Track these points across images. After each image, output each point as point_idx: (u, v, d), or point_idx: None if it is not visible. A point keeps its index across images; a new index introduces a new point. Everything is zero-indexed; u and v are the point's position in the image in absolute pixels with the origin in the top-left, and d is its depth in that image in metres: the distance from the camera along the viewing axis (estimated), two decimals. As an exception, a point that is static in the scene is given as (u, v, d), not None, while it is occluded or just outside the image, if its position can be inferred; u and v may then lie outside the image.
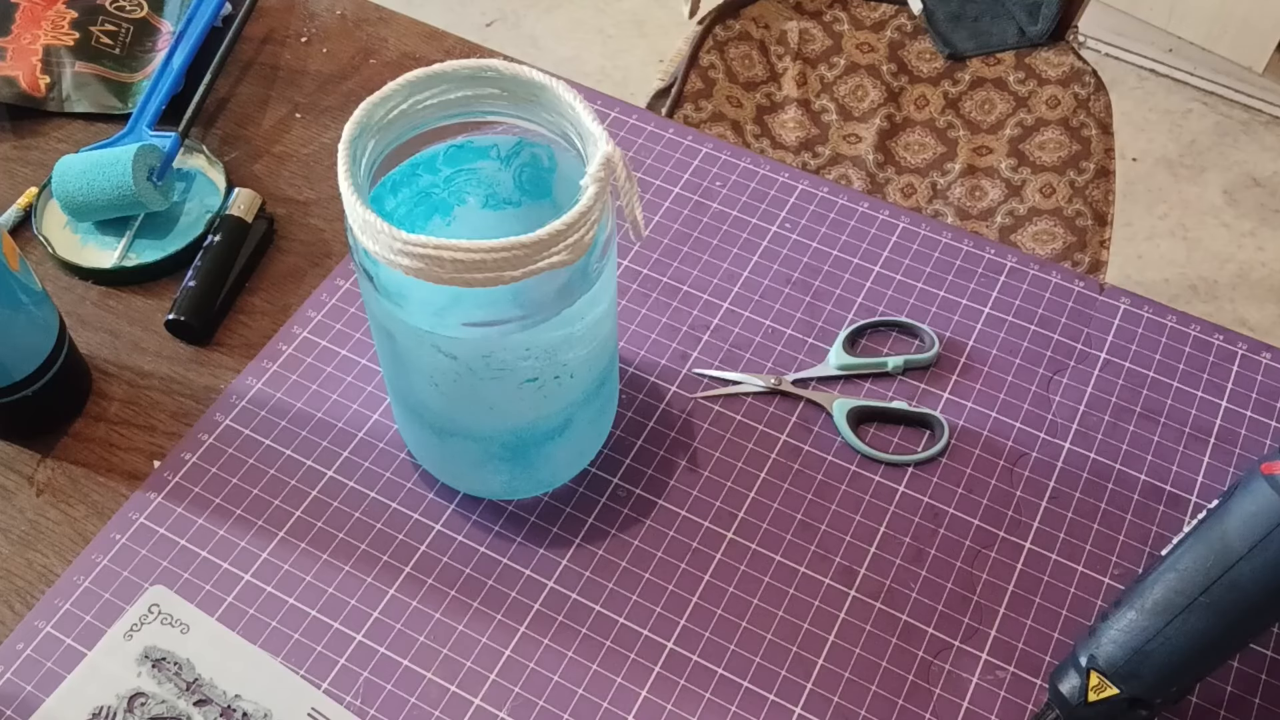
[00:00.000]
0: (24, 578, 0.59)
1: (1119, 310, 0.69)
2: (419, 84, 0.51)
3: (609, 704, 0.55)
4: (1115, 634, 0.51)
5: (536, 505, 0.61)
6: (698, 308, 0.69)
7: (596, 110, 0.79)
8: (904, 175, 1.14)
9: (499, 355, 0.51)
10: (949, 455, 0.64)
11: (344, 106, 0.80)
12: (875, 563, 0.60)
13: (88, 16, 0.82)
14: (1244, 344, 0.68)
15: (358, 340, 0.67)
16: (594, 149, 0.48)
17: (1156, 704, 0.51)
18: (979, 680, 0.57)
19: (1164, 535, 0.61)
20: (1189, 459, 0.64)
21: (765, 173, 0.76)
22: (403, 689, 0.56)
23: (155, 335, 0.68)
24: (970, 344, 0.68)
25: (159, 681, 0.56)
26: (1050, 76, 1.16)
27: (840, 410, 0.64)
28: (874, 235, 0.73)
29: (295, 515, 0.61)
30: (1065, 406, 0.66)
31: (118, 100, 0.79)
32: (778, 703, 0.56)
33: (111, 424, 0.65)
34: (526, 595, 0.59)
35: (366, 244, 0.47)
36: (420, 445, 0.61)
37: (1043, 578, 0.60)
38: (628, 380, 0.66)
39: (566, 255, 0.47)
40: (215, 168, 0.75)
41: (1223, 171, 1.79)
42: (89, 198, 0.70)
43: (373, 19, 0.85)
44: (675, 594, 0.59)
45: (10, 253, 0.58)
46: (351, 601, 0.58)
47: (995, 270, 0.71)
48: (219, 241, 0.69)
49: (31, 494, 0.62)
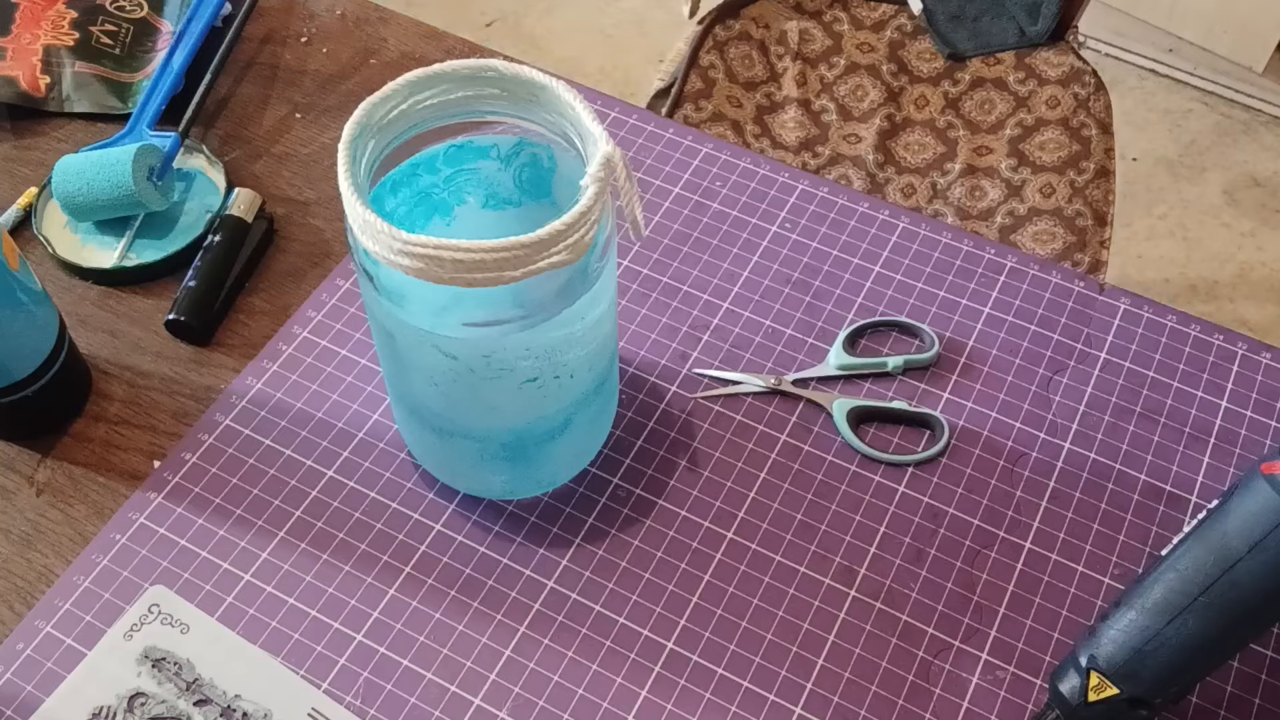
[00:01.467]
0: (24, 578, 0.59)
1: (1119, 310, 0.69)
2: (419, 84, 0.51)
3: (609, 704, 0.55)
4: (1115, 634, 0.51)
5: (536, 505, 0.61)
6: (698, 308, 0.69)
7: (596, 110, 0.79)
8: (904, 175, 1.14)
9: (499, 355, 0.51)
10: (949, 455, 0.64)
11: (344, 106, 0.80)
12: (875, 563, 0.60)
13: (88, 16, 0.82)
14: (1244, 344, 0.68)
15: (358, 340, 0.67)
16: (594, 149, 0.48)
17: (1156, 704, 0.51)
18: (979, 680, 0.57)
19: (1164, 535, 0.61)
20: (1189, 459, 0.64)
21: (765, 173, 0.76)
22: (403, 689, 0.56)
23: (155, 335, 0.68)
24: (970, 344, 0.68)
25: (159, 681, 0.56)
26: (1050, 76, 1.16)
27: (840, 410, 0.64)
28: (874, 235, 0.73)
29: (295, 515, 0.61)
30: (1065, 406, 0.66)
31: (118, 100, 0.79)
32: (778, 703, 0.56)
33: (111, 424, 0.65)
34: (526, 595, 0.59)
35: (366, 244, 0.47)
36: (420, 445, 0.61)
37: (1043, 578, 0.60)
38: (628, 380, 0.66)
39: (566, 255, 0.47)
40: (215, 168, 0.75)
41: (1223, 171, 1.79)
42: (89, 198, 0.70)
43: (373, 19, 0.85)
44: (675, 594, 0.59)
45: (10, 253, 0.58)
46: (351, 601, 0.58)
47: (995, 270, 0.71)
48: (219, 241, 0.69)
49: (32, 494, 0.62)
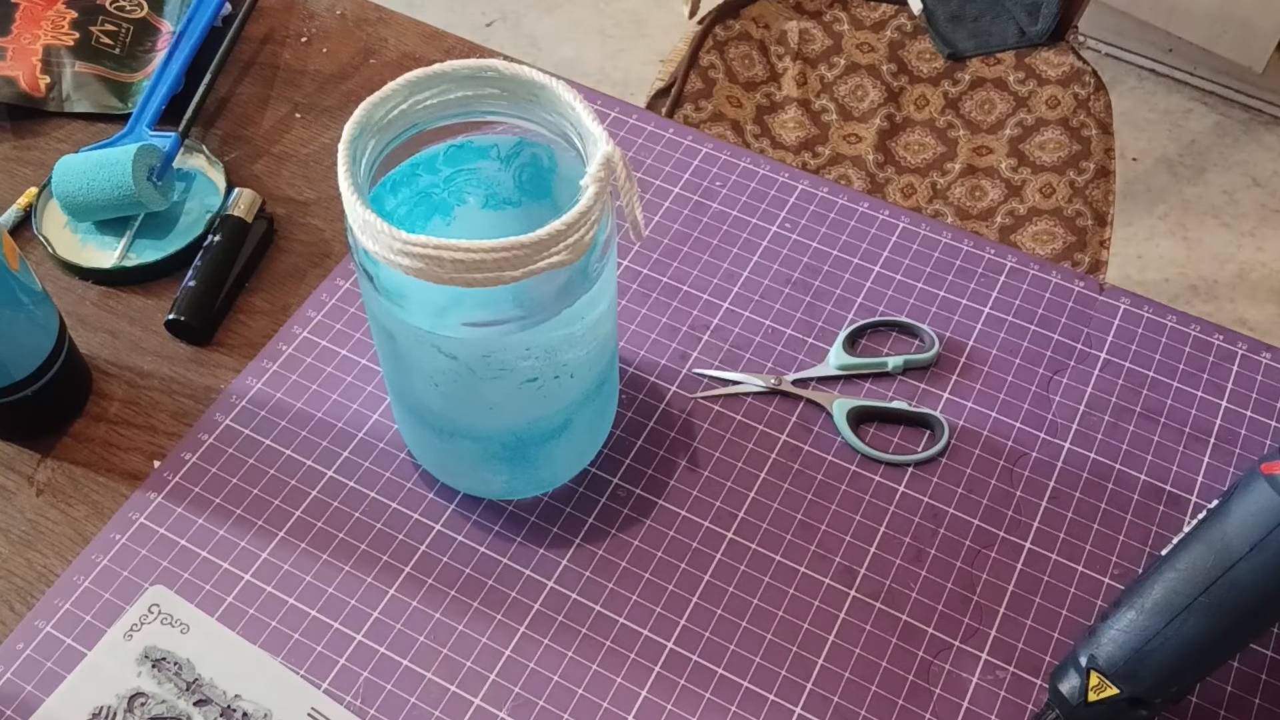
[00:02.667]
0: (24, 578, 0.59)
1: (1119, 310, 0.69)
2: (419, 84, 0.51)
3: (609, 704, 0.55)
4: (1115, 634, 0.51)
5: (536, 505, 0.61)
6: (698, 308, 0.69)
7: (596, 110, 0.79)
8: (904, 175, 1.14)
9: (499, 355, 0.51)
10: (949, 455, 0.64)
11: (344, 106, 0.80)
12: (875, 563, 0.60)
13: (88, 16, 0.82)
14: (1244, 344, 0.68)
15: (358, 340, 0.67)
16: (594, 149, 0.48)
17: (1156, 704, 0.51)
18: (979, 680, 0.57)
19: (1164, 535, 0.61)
20: (1189, 459, 0.64)
21: (765, 173, 0.76)
22: (403, 689, 0.56)
23: (155, 335, 0.68)
24: (970, 344, 0.68)
25: (159, 681, 0.56)
26: (1050, 76, 1.16)
27: (840, 410, 0.64)
28: (874, 235, 0.73)
29: (295, 515, 0.61)
30: (1065, 406, 0.66)
31: (118, 100, 0.79)
32: (778, 703, 0.56)
33: (111, 424, 0.65)
34: (526, 595, 0.59)
35: (366, 244, 0.47)
36: (420, 445, 0.61)
37: (1043, 578, 0.60)
38: (628, 380, 0.66)
39: (566, 255, 0.47)
40: (215, 168, 0.75)
41: (1223, 171, 1.79)
42: (89, 198, 0.70)
43: (373, 19, 0.85)
44: (675, 594, 0.59)
45: (10, 253, 0.58)
46: (351, 601, 0.58)
47: (995, 270, 0.71)
48: (219, 241, 0.69)
49: (31, 494, 0.62)
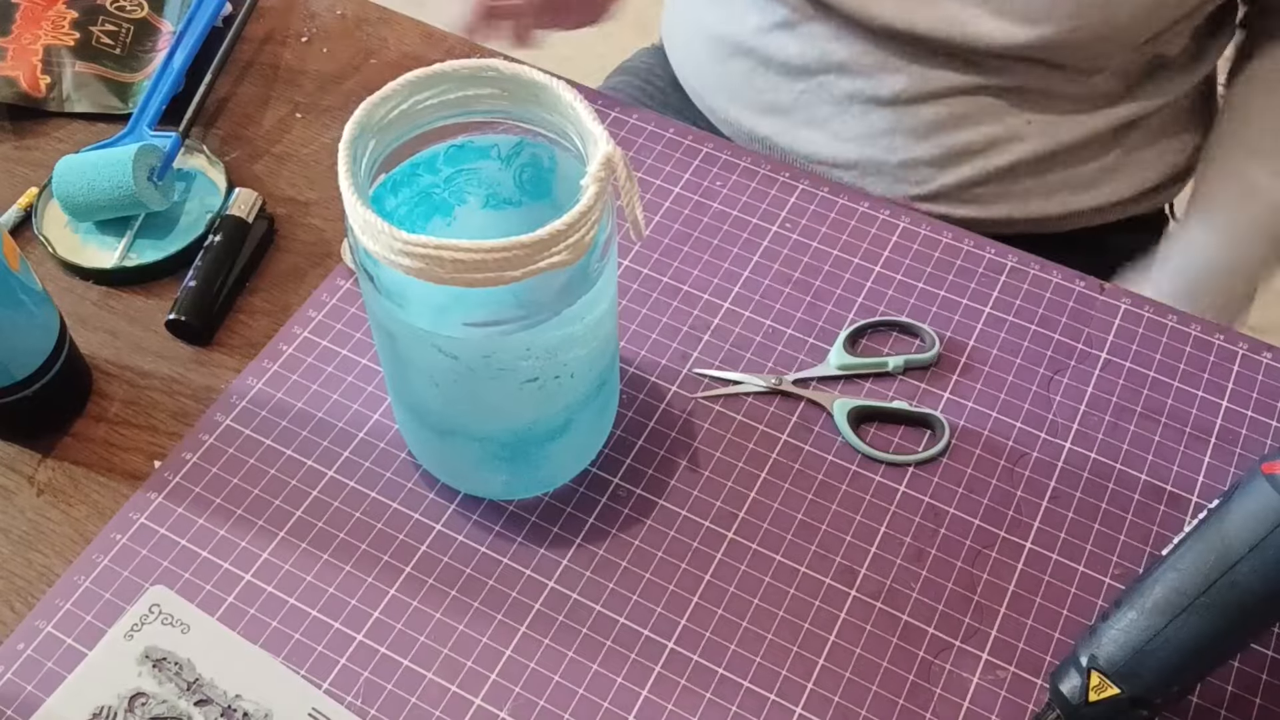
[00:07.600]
0: (24, 578, 0.59)
1: (1119, 310, 0.69)
2: (419, 84, 0.51)
3: (609, 704, 0.55)
4: (1116, 634, 0.51)
5: (537, 505, 0.61)
6: (698, 308, 0.69)
7: (597, 110, 0.79)
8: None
9: (499, 355, 0.51)
10: (949, 455, 0.64)
11: (344, 106, 0.80)
12: (876, 562, 0.60)
13: (88, 16, 0.82)
14: (1244, 344, 0.68)
15: (358, 340, 0.67)
16: (594, 149, 0.48)
17: (1157, 704, 0.51)
18: (979, 680, 0.56)
19: (1164, 535, 0.61)
20: (1190, 459, 0.64)
21: (765, 173, 0.76)
22: (403, 689, 0.56)
23: (155, 335, 0.68)
24: (971, 344, 0.68)
25: (159, 681, 0.56)
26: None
27: (841, 410, 0.64)
28: (874, 235, 0.73)
29: (296, 515, 0.61)
30: (1066, 406, 0.66)
31: (118, 100, 0.79)
32: (778, 702, 0.56)
33: (112, 424, 0.65)
34: (527, 595, 0.59)
35: (367, 244, 0.47)
36: (421, 445, 0.61)
37: (1043, 577, 0.60)
38: (628, 380, 0.66)
39: (567, 255, 0.47)
40: (215, 168, 0.75)
41: (1223, 171, 1.78)
42: (89, 198, 0.70)
43: (373, 19, 0.85)
44: (676, 594, 0.59)
45: (10, 253, 0.58)
46: (352, 601, 0.58)
47: (996, 270, 0.71)
48: (219, 241, 0.69)
49: (32, 494, 0.62)
